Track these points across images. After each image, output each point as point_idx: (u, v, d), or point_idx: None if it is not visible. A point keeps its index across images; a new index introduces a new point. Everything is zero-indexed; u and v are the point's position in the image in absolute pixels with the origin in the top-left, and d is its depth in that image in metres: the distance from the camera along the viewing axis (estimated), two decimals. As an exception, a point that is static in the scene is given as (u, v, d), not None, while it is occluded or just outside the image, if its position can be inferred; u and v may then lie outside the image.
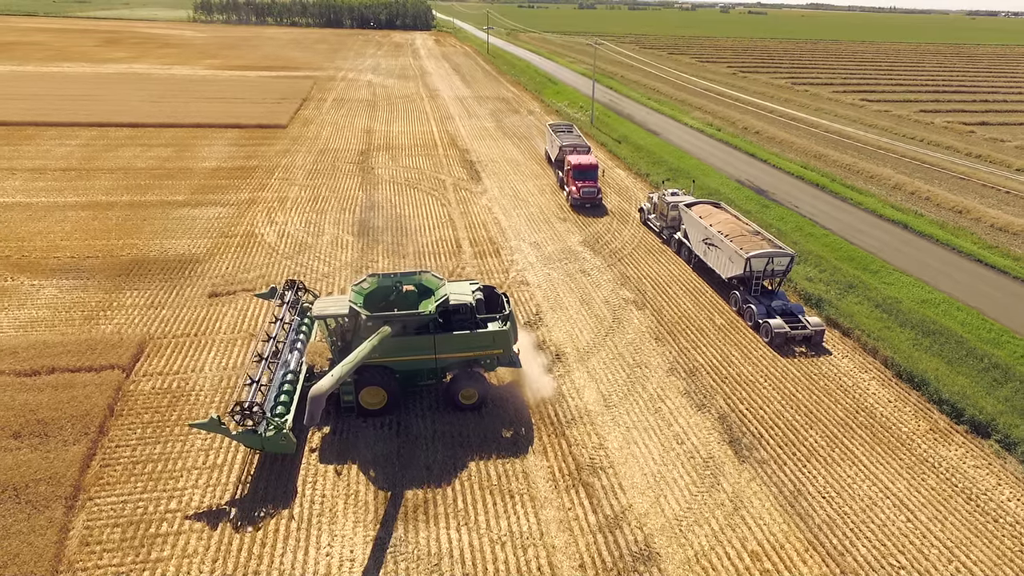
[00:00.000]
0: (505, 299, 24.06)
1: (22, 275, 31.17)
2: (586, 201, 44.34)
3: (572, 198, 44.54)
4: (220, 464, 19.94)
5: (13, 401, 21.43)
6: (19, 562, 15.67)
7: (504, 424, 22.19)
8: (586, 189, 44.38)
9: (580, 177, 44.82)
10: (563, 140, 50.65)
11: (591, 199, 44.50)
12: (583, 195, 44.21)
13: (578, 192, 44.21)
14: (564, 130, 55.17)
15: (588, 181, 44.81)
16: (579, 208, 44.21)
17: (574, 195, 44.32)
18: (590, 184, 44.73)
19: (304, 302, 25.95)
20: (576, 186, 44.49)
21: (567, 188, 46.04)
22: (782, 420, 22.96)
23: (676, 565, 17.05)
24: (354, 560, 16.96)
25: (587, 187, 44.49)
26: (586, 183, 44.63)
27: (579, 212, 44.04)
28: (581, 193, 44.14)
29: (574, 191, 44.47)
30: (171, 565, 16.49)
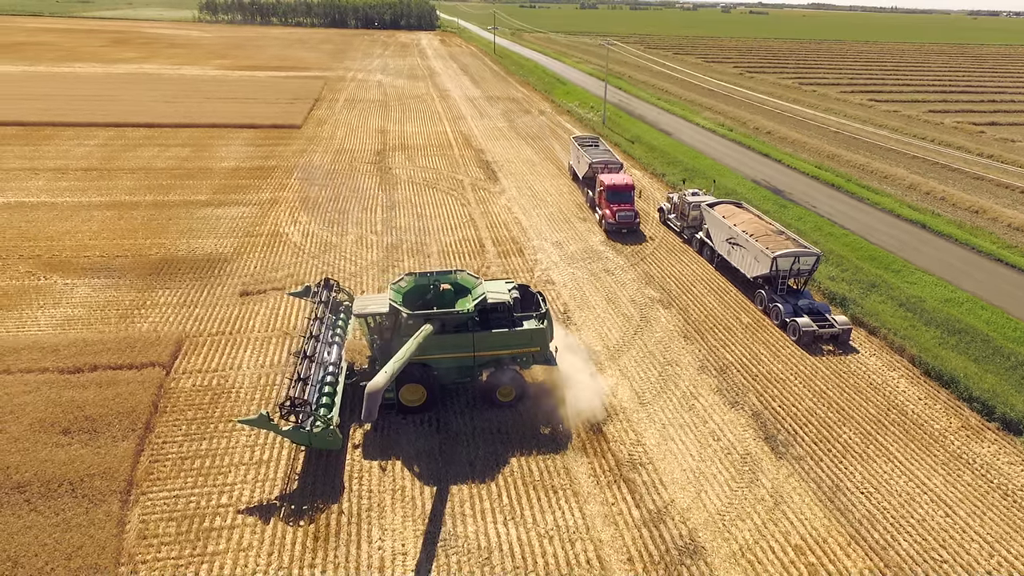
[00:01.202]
0: (541, 298, 24.41)
1: (54, 274, 31.51)
2: (623, 227, 39.62)
3: (607, 223, 39.77)
4: (266, 460, 20.26)
5: (60, 398, 21.76)
6: (83, 554, 15.99)
7: (541, 421, 22.48)
8: (623, 213, 39.56)
9: (615, 199, 40.13)
10: (592, 156, 45.80)
11: (628, 224, 39.71)
12: (619, 220, 39.42)
13: (613, 216, 39.50)
14: (591, 144, 50.05)
15: (624, 204, 40.00)
16: (614, 234, 39.63)
17: (608, 219, 39.68)
18: (626, 208, 39.89)
19: (338, 301, 26.30)
20: (610, 209, 39.83)
21: (599, 211, 41.27)
22: (815, 417, 23.28)
23: (722, 559, 17.38)
24: (406, 554, 17.28)
25: (624, 211, 39.66)
26: (622, 206, 39.84)
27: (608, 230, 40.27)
28: (617, 218, 39.39)
29: (608, 215, 39.85)
30: (228, 558, 16.83)
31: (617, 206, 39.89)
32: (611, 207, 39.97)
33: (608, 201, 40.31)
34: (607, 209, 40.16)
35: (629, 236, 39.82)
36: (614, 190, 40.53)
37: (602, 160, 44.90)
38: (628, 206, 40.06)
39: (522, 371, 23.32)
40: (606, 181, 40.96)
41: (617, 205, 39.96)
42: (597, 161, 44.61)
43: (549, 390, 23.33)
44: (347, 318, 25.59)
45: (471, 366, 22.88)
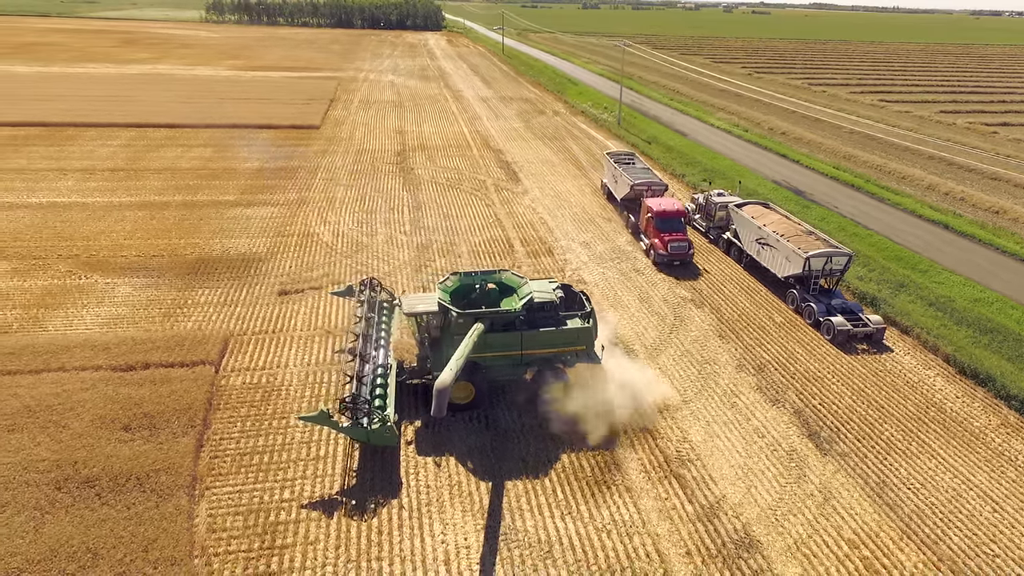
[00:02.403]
0: (584, 297, 24.81)
1: (94, 273, 31.92)
2: (675, 259, 35.32)
3: (657, 254, 35.44)
4: (323, 456, 20.66)
5: (117, 395, 22.16)
6: (159, 547, 16.38)
7: (587, 418, 22.82)
8: (676, 244, 35.18)
9: (665, 228, 35.77)
10: (634, 177, 41.35)
11: (681, 256, 35.39)
12: (672, 252, 35.08)
13: (664, 247, 35.09)
14: (627, 161, 45.89)
15: (676, 233, 35.63)
16: (664, 266, 35.55)
17: (659, 250, 35.29)
18: (679, 237, 35.52)
19: (381, 300, 26.68)
20: (661, 239, 35.39)
21: (646, 240, 37.18)
22: (856, 415, 23.66)
23: (778, 552, 17.75)
24: (469, 547, 17.66)
25: (676, 241, 35.27)
26: (674, 236, 35.45)
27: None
28: (669, 249, 35.02)
29: (658, 245, 35.43)
30: (297, 551, 17.21)
31: (668, 236, 35.55)
32: (661, 237, 35.66)
33: (657, 230, 36.00)
34: (656, 239, 35.92)
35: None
36: (664, 217, 36.22)
37: (644, 181, 40.90)
38: (680, 235, 35.74)
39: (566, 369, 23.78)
40: (654, 207, 36.73)
41: (668, 235, 35.61)
42: (640, 183, 40.52)
43: (595, 388, 23.75)
44: (390, 317, 26.00)
45: (518, 364, 23.26)
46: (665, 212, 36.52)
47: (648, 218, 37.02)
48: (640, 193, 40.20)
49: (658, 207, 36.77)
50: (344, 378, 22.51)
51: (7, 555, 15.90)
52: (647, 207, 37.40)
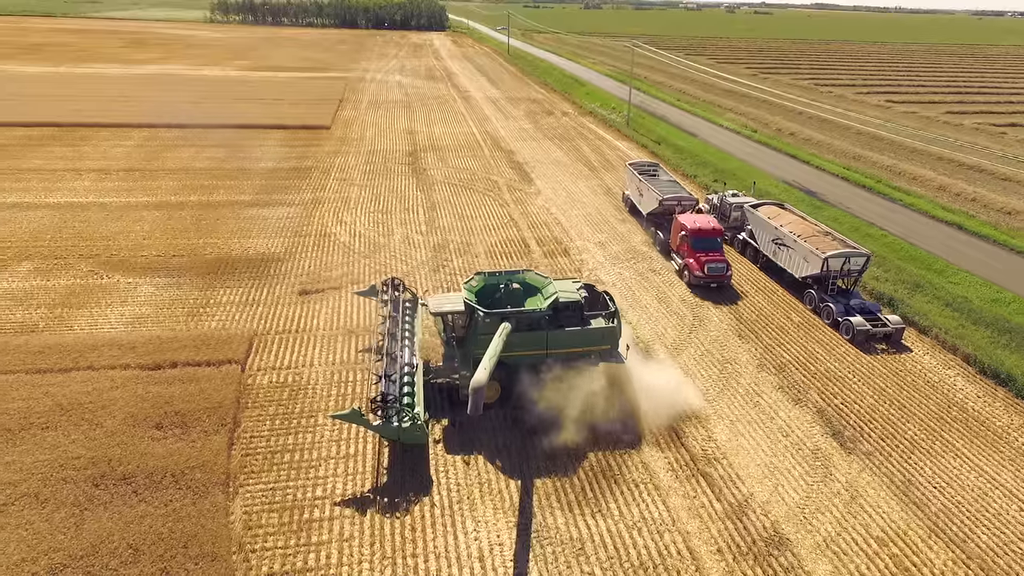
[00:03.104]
0: (608, 297, 24.99)
1: (116, 273, 32.14)
2: (713, 281, 32.98)
3: (692, 276, 33.12)
4: (353, 454, 20.84)
5: (147, 393, 22.38)
6: (198, 543, 16.58)
7: (613, 417, 22.94)
8: (714, 265, 32.88)
9: (701, 247, 33.55)
10: (663, 191, 39.14)
11: (719, 279, 33.02)
12: (710, 274, 32.76)
13: (701, 268, 32.81)
14: (650, 172, 43.75)
15: (713, 253, 33.41)
16: (699, 288, 33.14)
17: (694, 271, 32.99)
18: (717, 258, 33.26)
19: (404, 300, 26.86)
20: (697, 260, 33.17)
21: (679, 260, 34.90)
22: (878, 414, 23.82)
23: (808, 550, 17.92)
24: (502, 544, 17.85)
25: (714, 262, 32.99)
26: (711, 256, 33.21)
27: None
28: (707, 271, 32.73)
29: (694, 266, 33.14)
30: (333, 548, 17.40)
31: (705, 256, 33.25)
32: (697, 257, 33.35)
33: (693, 250, 33.72)
34: (692, 259, 33.52)
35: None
36: (700, 236, 33.92)
37: (674, 196, 38.65)
38: (718, 255, 33.50)
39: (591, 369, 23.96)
40: (688, 225, 34.39)
41: (705, 255, 33.31)
42: (670, 198, 38.19)
43: (619, 387, 23.93)
44: (413, 317, 26.19)
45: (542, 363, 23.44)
46: (701, 231, 34.14)
47: (682, 236, 34.68)
48: (670, 208, 38.02)
49: (693, 225, 34.43)
50: (373, 377, 22.73)
51: (50, 550, 16.12)
52: (680, 225, 35.01)
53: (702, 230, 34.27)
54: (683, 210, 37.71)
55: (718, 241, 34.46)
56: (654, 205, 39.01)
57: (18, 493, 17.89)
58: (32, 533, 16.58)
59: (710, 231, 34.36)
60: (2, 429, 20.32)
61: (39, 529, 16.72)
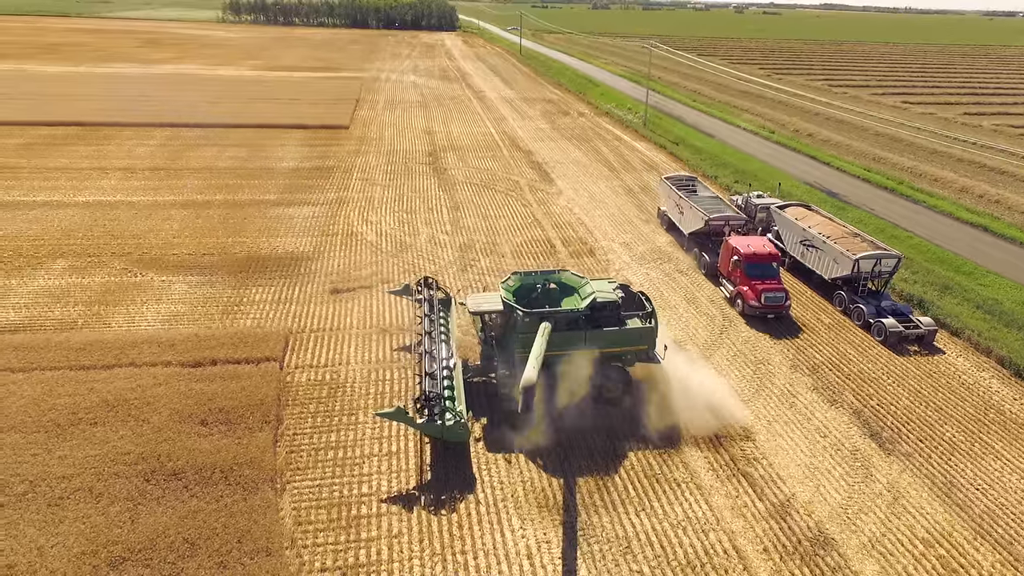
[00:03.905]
0: (644, 297, 25.09)
1: (149, 271, 32.46)
2: (771, 312, 30.04)
3: (747, 305, 30.23)
4: (395, 452, 21.03)
5: (190, 390, 22.62)
6: (252, 538, 16.79)
7: (650, 417, 23.07)
8: (771, 295, 29.91)
9: (756, 274, 30.63)
10: (707, 208, 36.31)
11: (777, 309, 30.09)
12: (767, 304, 29.81)
13: (757, 298, 29.85)
14: (688, 186, 40.86)
15: (770, 281, 30.46)
16: (754, 318, 30.28)
17: (749, 300, 30.08)
18: (775, 286, 30.30)
19: (438, 299, 27.03)
20: (753, 288, 30.24)
21: (729, 286, 32.19)
22: (915, 416, 23.84)
23: (854, 550, 17.99)
24: (550, 542, 17.98)
25: (772, 291, 30.00)
26: (768, 284, 30.24)
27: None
28: (764, 301, 29.78)
29: (749, 295, 30.22)
30: (383, 544, 17.58)
31: (761, 284, 30.29)
32: (752, 285, 30.40)
33: (748, 277, 30.78)
34: (745, 287, 30.65)
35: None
36: (754, 261, 31.00)
37: (721, 216, 35.74)
38: (775, 283, 30.52)
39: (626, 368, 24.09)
40: (741, 249, 31.47)
41: (760, 282, 30.37)
42: (717, 218, 35.39)
43: (655, 387, 24.04)
44: (448, 316, 26.35)
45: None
46: (756, 255, 31.17)
47: (734, 262, 31.77)
48: (717, 229, 35.40)
49: (747, 249, 31.40)
50: (414, 375, 22.93)
51: (109, 543, 16.37)
52: (732, 249, 32.09)
53: (757, 255, 31.27)
54: (731, 230, 35.22)
55: (774, 267, 31.33)
56: (698, 225, 36.18)
57: (72, 487, 18.18)
58: (90, 527, 16.83)
59: (766, 256, 31.34)
60: (51, 424, 20.64)
61: (96, 523, 16.97)
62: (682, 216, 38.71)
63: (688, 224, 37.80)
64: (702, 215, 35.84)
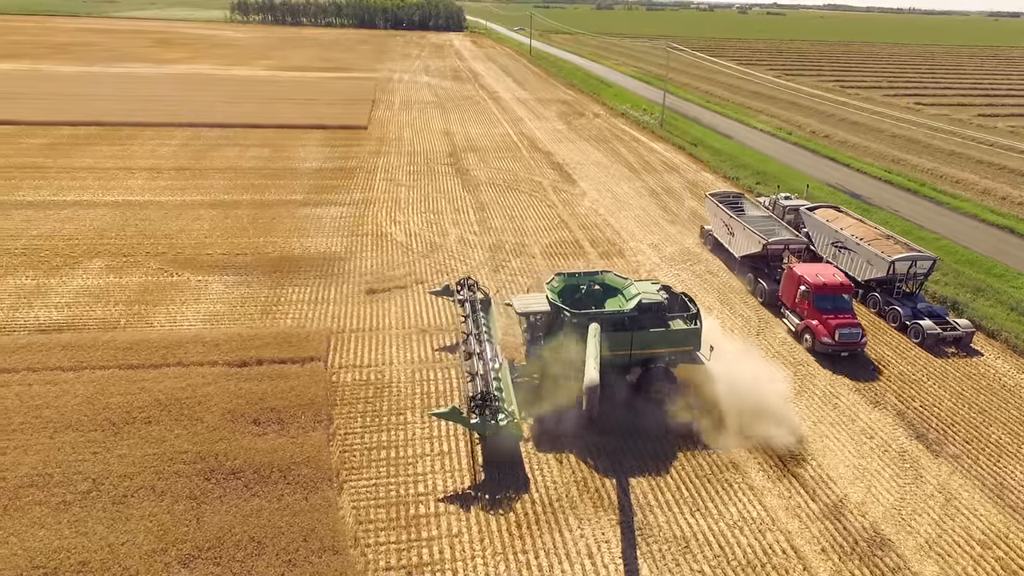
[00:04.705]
0: (688, 299, 25.20)
1: (184, 271, 32.62)
2: (845, 349, 26.93)
3: (818, 342, 27.10)
4: (447, 451, 21.14)
5: (239, 390, 22.75)
6: (318, 536, 16.89)
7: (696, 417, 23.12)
8: (847, 331, 26.78)
9: (827, 307, 27.63)
10: (763, 230, 33.43)
11: (853, 347, 27.01)
12: (841, 341, 26.71)
13: (831, 334, 26.76)
14: (735, 204, 37.90)
15: (843, 315, 27.44)
16: (823, 355, 27.17)
17: (821, 337, 26.98)
18: (849, 320, 27.27)
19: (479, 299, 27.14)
20: (824, 323, 27.17)
21: (794, 318, 29.17)
22: (959, 417, 23.92)
23: (912, 551, 18.08)
24: (608, 542, 18.08)
25: (846, 327, 26.89)
26: (841, 318, 27.21)
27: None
28: (838, 338, 26.66)
29: (820, 331, 27.09)
30: (444, 543, 17.69)
31: (833, 318, 27.25)
32: (824, 319, 27.36)
33: (818, 310, 27.71)
34: (815, 321, 27.61)
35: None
36: (824, 293, 27.89)
37: (779, 239, 32.95)
38: (849, 317, 27.48)
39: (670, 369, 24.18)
40: (810, 279, 28.35)
41: (832, 316, 27.33)
42: (776, 243, 32.60)
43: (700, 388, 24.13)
44: (489, 316, 26.46)
45: (626, 364, 23.68)
46: (827, 286, 28.03)
47: (802, 293, 28.62)
48: (775, 254, 32.76)
49: (815, 279, 28.32)
50: (461, 376, 23.07)
51: (178, 541, 16.50)
52: (797, 278, 29.03)
53: (827, 286, 28.07)
54: (792, 254, 32.90)
55: (847, 299, 28.35)
56: (754, 249, 33.11)
57: (135, 486, 18.31)
58: (157, 524, 16.97)
59: (837, 287, 28.16)
60: (107, 423, 20.79)
61: (163, 521, 17.11)
62: (732, 238, 35.58)
63: (740, 247, 34.68)
64: (759, 238, 32.79)
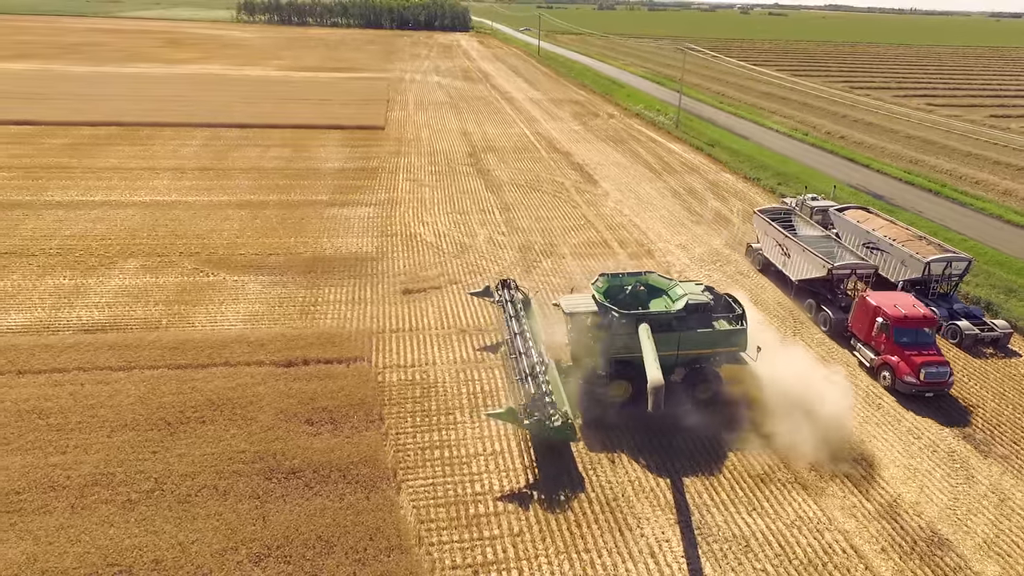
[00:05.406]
0: (733, 299, 25.29)
1: (220, 271, 32.71)
2: (930, 390, 24.40)
3: (900, 382, 24.57)
4: (500, 451, 21.23)
5: (289, 389, 22.87)
6: (384, 536, 17.01)
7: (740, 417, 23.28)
8: (932, 370, 24.25)
9: (908, 342, 25.14)
10: (825, 253, 30.98)
11: (940, 387, 24.51)
12: (927, 381, 24.19)
13: (915, 374, 24.25)
14: (784, 220, 35.64)
15: (927, 351, 24.88)
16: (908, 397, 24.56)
17: (904, 376, 24.45)
18: (935, 358, 24.73)
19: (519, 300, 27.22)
20: (907, 361, 24.64)
21: (867, 352, 26.59)
22: (1004, 418, 24.02)
23: (971, 550, 18.18)
24: (669, 541, 18.19)
25: (932, 365, 24.36)
26: (926, 355, 24.65)
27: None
28: (924, 377, 24.13)
29: (903, 369, 24.59)
30: (507, 542, 17.78)
31: (917, 355, 24.68)
32: (906, 356, 24.79)
33: (898, 346, 25.19)
34: (898, 359, 24.95)
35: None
36: (905, 326, 25.37)
37: (845, 264, 30.27)
38: (934, 354, 24.90)
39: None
40: (888, 311, 25.74)
41: (915, 352, 24.77)
42: (842, 267, 29.95)
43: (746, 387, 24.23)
44: (530, 317, 26.54)
45: (672, 364, 23.75)
46: (908, 319, 25.42)
47: (880, 325, 25.93)
48: (840, 279, 30.11)
49: (894, 312, 25.67)
50: (507, 376, 23.16)
51: (247, 540, 16.61)
52: (873, 309, 26.37)
53: (909, 318, 25.43)
54: (859, 279, 30.51)
55: (929, 332, 25.61)
56: (817, 273, 30.32)
57: (197, 485, 18.43)
58: (224, 524, 17.08)
59: (920, 320, 25.51)
60: (162, 422, 20.91)
61: (229, 520, 17.22)
62: (788, 259, 32.69)
63: (798, 270, 31.89)
64: (822, 262, 30.02)
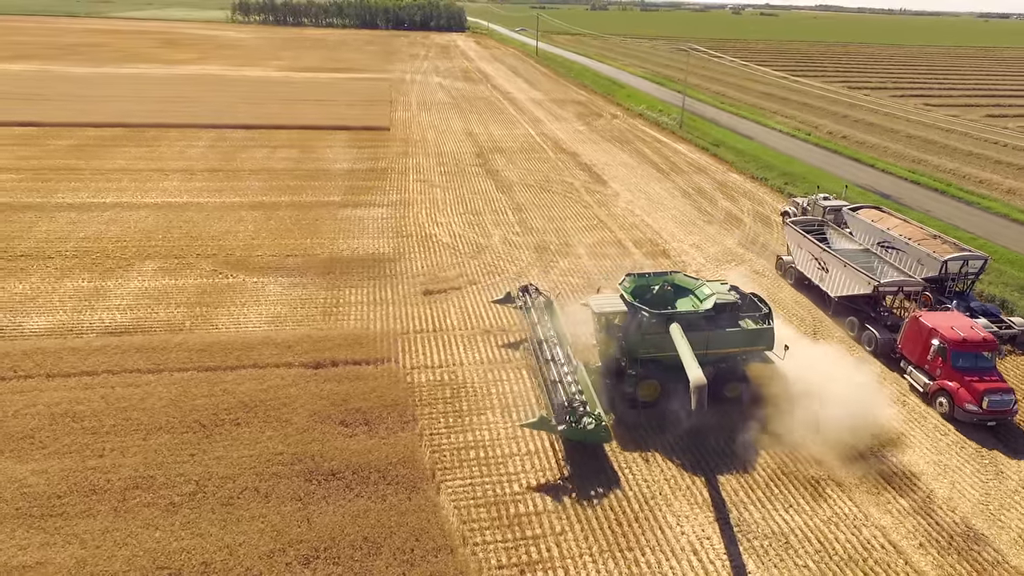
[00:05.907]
0: (758, 299, 25.47)
1: (238, 272, 32.61)
2: (993, 418, 22.89)
3: (962, 410, 22.96)
4: (534, 451, 21.30)
5: (321, 391, 22.88)
6: (430, 536, 17.05)
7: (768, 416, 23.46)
8: (996, 398, 22.74)
9: (967, 367, 23.62)
10: (861, 264, 29.70)
11: (1003, 415, 22.96)
12: (991, 409, 22.68)
13: (976, 401, 22.69)
14: (817, 231, 33.98)
15: (988, 377, 23.41)
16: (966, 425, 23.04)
17: (965, 404, 22.86)
18: (997, 384, 23.25)
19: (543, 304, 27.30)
20: (968, 387, 23.07)
21: (920, 376, 24.92)
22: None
23: (1007, 544, 18.41)
24: (709, 538, 18.32)
25: (996, 392, 22.86)
26: (988, 381, 23.18)
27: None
28: (987, 405, 22.60)
29: (963, 396, 22.99)
30: (550, 542, 17.85)
31: (977, 380, 23.18)
32: (966, 382, 23.23)
33: (957, 371, 23.60)
34: (957, 384, 23.36)
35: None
36: (963, 350, 23.79)
37: (892, 281, 28.59)
38: (995, 379, 23.46)
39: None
40: (946, 334, 24.07)
41: (975, 378, 23.24)
42: (889, 284, 28.27)
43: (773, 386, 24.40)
44: (555, 320, 26.60)
45: (701, 364, 23.87)
46: (967, 343, 23.85)
47: (936, 348, 24.21)
48: (888, 293, 28.49)
49: (953, 334, 24.00)
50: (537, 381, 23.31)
51: (295, 541, 16.61)
52: (928, 330, 24.68)
53: (968, 342, 23.86)
54: (906, 296, 28.95)
55: (989, 356, 23.98)
56: (862, 290, 28.64)
57: (238, 487, 18.41)
58: (269, 526, 17.08)
59: (980, 343, 23.92)
60: (197, 425, 20.86)
61: (274, 522, 17.22)
62: (825, 274, 31.05)
63: (838, 286, 30.24)
64: (867, 278, 28.46)
